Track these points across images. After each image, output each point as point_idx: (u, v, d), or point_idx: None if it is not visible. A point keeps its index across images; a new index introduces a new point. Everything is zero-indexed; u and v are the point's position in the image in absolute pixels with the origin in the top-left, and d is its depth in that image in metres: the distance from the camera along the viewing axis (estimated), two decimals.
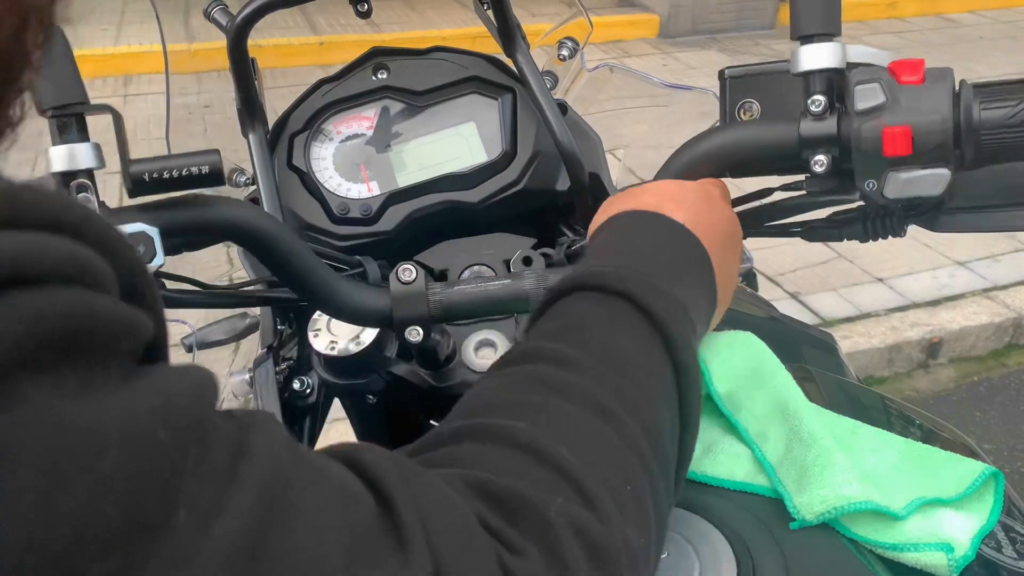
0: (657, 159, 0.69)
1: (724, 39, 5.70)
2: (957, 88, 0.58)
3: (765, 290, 2.96)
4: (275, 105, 0.98)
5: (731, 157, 0.64)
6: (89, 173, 0.60)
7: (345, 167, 0.91)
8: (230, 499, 0.27)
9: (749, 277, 1.27)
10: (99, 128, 0.61)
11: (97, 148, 0.60)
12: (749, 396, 0.62)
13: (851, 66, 0.61)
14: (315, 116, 0.93)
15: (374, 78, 0.94)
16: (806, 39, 0.60)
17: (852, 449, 0.60)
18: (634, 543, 0.38)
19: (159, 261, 0.61)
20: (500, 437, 0.38)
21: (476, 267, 0.86)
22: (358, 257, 0.77)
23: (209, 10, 0.89)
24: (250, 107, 0.89)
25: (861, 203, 0.66)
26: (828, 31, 0.60)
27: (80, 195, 0.60)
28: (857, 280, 3.06)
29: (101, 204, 0.61)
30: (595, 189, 0.92)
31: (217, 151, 0.62)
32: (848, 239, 0.68)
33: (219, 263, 0.76)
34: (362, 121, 0.93)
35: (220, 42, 0.88)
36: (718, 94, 0.70)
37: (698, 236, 0.55)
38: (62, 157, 0.59)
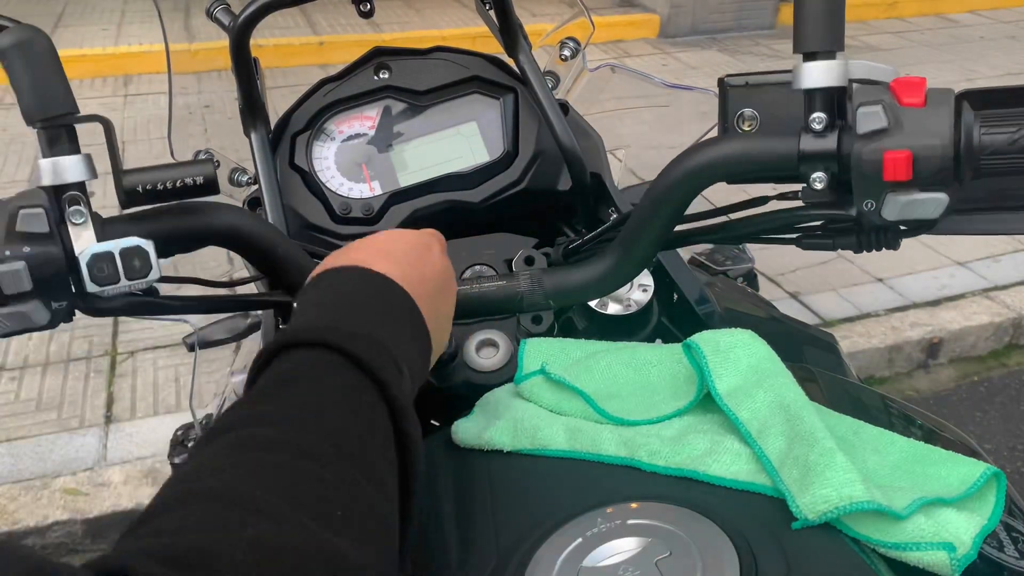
0: (658, 159, 0.69)
1: (724, 39, 5.70)
2: (959, 110, 0.58)
3: (765, 290, 2.96)
4: (275, 105, 0.98)
5: (729, 169, 0.64)
6: (80, 185, 0.58)
7: (347, 167, 0.91)
8: None
9: (749, 277, 1.27)
10: (91, 130, 0.60)
11: (88, 159, 0.59)
12: (749, 394, 0.62)
13: (854, 83, 0.60)
14: (317, 116, 0.93)
15: (376, 78, 0.94)
16: (809, 56, 0.60)
17: (854, 448, 0.60)
18: (343, 549, 0.40)
19: (155, 275, 0.60)
20: (198, 496, 0.41)
21: (478, 267, 0.86)
22: None
23: (211, 9, 0.89)
24: (252, 107, 0.90)
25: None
26: (831, 48, 0.59)
27: (72, 208, 0.58)
28: (857, 280, 3.06)
29: (94, 215, 0.59)
30: (596, 189, 0.92)
31: (210, 159, 0.61)
32: (842, 249, 0.68)
33: (219, 262, 0.76)
34: (364, 121, 0.93)
35: (220, 42, 0.88)
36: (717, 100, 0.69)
37: (405, 285, 0.58)
38: (52, 171, 0.57)
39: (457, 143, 0.92)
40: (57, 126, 0.57)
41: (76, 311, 0.62)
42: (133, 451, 2.30)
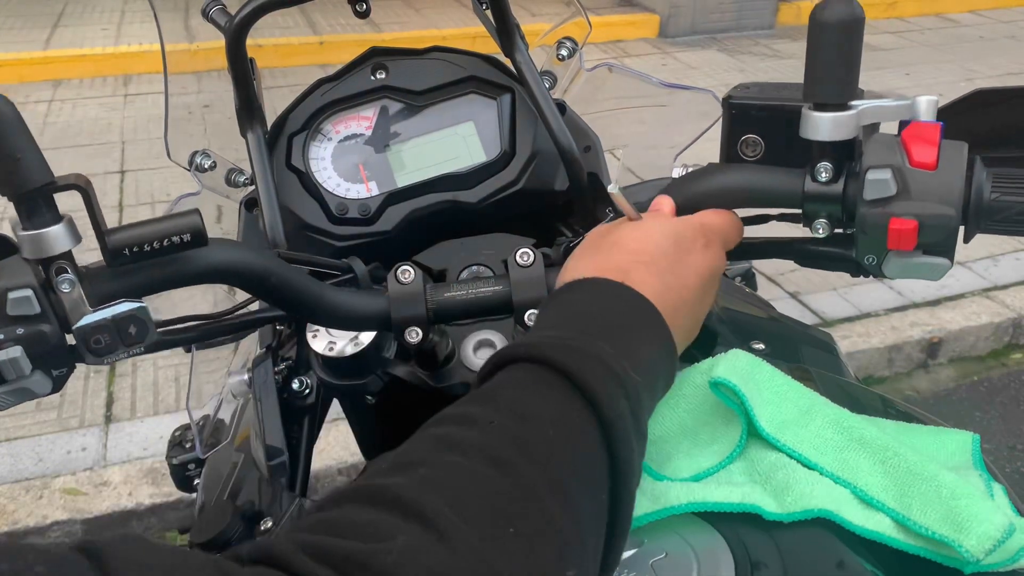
0: (656, 159, 0.69)
1: (724, 39, 5.70)
2: (971, 167, 0.56)
3: (765, 290, 2.96)
4: (275, 105, 0.98)
5: (730, 198, 0.63)
6: (66, 254, 0.56)
7: (344, 167, 0.91)
8: None
9: (749, 277, 1.27)
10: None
11: (70, 225, 0.57)
12: (802, 426, 0.59)
13: (865, 129, 0.58)
14: (314, 116, 0.93)
15: (373, 78, 0.94)
16: (819, 107, 0.57)
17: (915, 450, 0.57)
18: (498, 569, 0.40)
19: (152, 339, 0.60)
20: (373, 496, 0.42)
21: (475, 267, 0.86)
22: (345, 260, 0.77)
23: (207, 10, 0.89)
24: (248, 107, 0.89)
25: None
26: (843, 100, 0.57)
27: (60, 277, 0.56)
28: (857, 280, 3.06)
29: (82, 275, 0.58)
30: (594, 189, 0.92)
31: (196, 210, 0.59)
32: (841, 271, 0.67)
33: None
34: (361, 121, 0.93)
35: (220, 41, 0.88)
36: (721, 117, 0.66)
37: (652, 294, 0.57)
38: (35, 244, 0.55)
39: (454, 143, 0.92)
40: (35, 198, 0.55)
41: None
42: (133, 451, 2.30)
